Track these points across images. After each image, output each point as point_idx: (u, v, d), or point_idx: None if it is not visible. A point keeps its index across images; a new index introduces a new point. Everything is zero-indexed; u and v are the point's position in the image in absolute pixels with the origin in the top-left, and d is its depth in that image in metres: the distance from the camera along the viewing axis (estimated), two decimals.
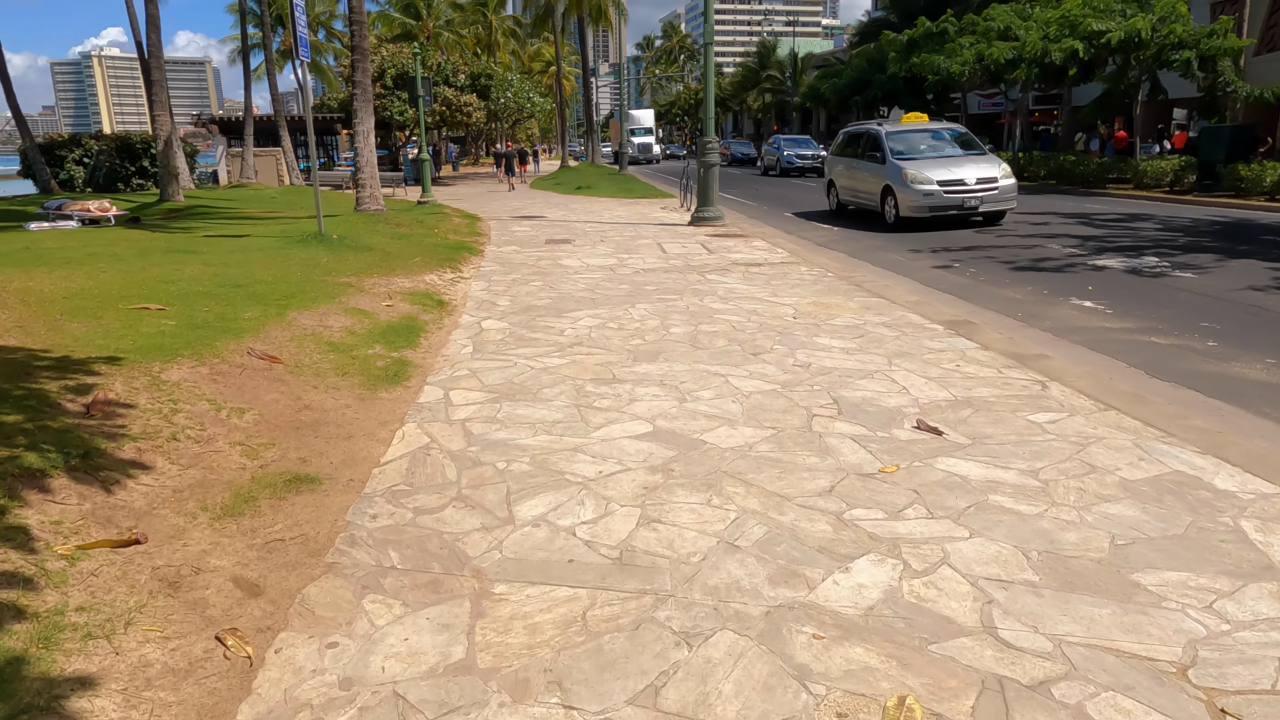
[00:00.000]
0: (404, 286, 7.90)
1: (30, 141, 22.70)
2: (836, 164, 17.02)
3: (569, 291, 8.28)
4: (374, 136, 13.11)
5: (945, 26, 32.07)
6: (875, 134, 15.25)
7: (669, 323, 6.79)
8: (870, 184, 14.91)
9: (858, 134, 16.41)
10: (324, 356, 5.27)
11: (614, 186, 26.55)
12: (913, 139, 15.15)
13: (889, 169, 14.17)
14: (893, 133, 15.13)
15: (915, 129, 15.94)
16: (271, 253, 9.35)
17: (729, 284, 8.69)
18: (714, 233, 13.75)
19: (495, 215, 17.77)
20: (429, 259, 9.73)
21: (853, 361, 5.56)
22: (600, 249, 11.69)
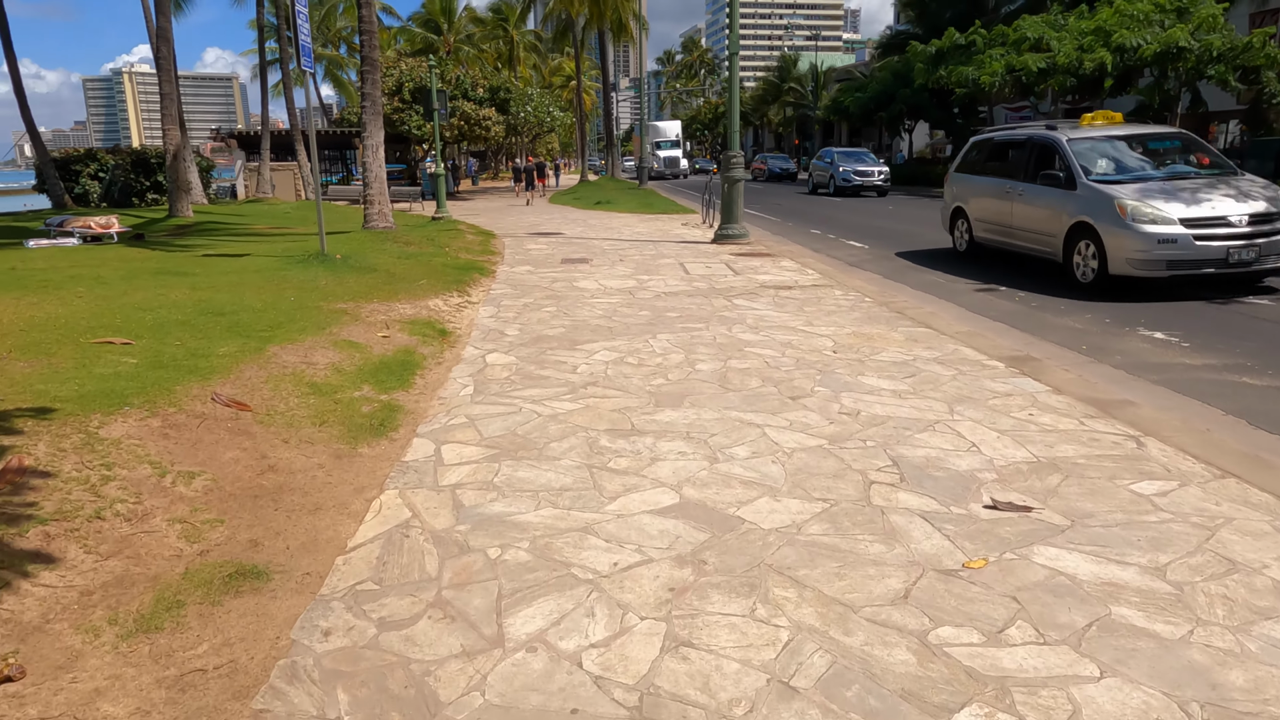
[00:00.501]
0: (405, 313, 7.25)
1: (45, 156, 22.45)
2: (970, 185, 11.91)
3: (584, 319, 7.60)
4: (383, 151, 12.55)
5: (974, 38, 31.30)
6: (1050, 143, 10.12)
7: (694, 357, 6.08)
8: (1044, 219, 9.88)
9: (1013, 143, 11.30)
10: (302, 401, 4.61)
11: (634, 202, 25.95)
12: (1115, 151, 9.99)
13: (1084, 197, 9.25)
14: (1081, 140, 10.00)
15: (1114, 133, 10.30)
16: (268, 274, 8.76)
17: (758, 310, 7.98)
18: (739, 251, 13.05)
19: (511, 232, 17.18)
20: (436, 281, 9.10)
21: (908, 408, 4.82)
22: (619, 269, 11.02)
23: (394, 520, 3.36)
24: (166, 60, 16.67)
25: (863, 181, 29.93)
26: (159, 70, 16.75)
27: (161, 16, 16.47)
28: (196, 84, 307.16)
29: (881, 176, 30.31)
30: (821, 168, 32.34)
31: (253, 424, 4.18)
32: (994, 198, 11.10)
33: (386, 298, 7.83)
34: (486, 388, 5.29)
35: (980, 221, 11.59)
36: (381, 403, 4.80)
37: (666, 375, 5.57)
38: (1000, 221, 10.98)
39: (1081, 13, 28.42)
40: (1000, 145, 11.68)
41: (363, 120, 12.30)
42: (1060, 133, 10.25)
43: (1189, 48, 22.86)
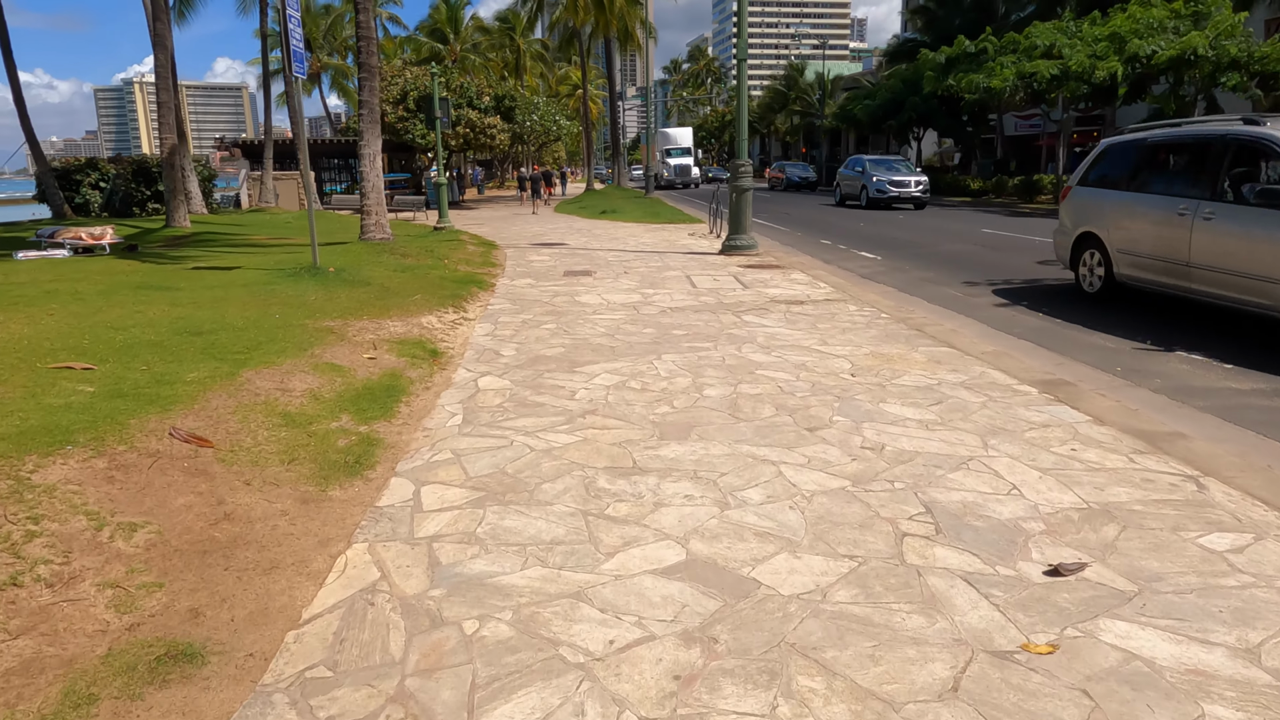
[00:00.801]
0: (395, 331, 6.85)
1: (44, 166, 22.20)
2: (1108, 204, 8.92)
3: (586, 337, 7.18)
4: (381, 160, 12.18)
5: (985, 45, 30.92)
6: (1267, 144, 7.08)
7: (702, 381, 5.65)
8: (1255, 255, 6.82)
9: (1184, 144, 8.43)
10: (272, 434, 4.20)
11: (640, 211, 25.58)
12: None
13: None
14: None
15: None
16: (255, 289, 8.37)
17: (769, 328, 7.55)
18: (747, 263, 12.64)
19: (514, 242, 16.80)
20: (431, 296, 8.70)
21: (936, 442, 4.39)
22: (623, 282, 10.61)
23: (359, 582, 2.94)
24: (164, 67, 16.38)
25: (899, 193, 26.97)
26: (156, 78, 16.46)
27: (158, 23, 16.18)
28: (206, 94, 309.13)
29: (920, 187, 27.18)
30: (851, 177, 29.38)
31: (213, 462, 3.77)
32: (1155, 222, 8.07)
33: (377, 314, 7.43)
34: (476, 417, 4.87)
35: (1128, 255, 8.54)
36: (360, 435, 4.39)
37: (672, 402, 5.14)
38: (1168, 256, 7.86)
39: (1094, 19, 28.02)
40: (1160, 149, 8.74)
41: (360, 128, 11.94)
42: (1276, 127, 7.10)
43: (1205, 55, 22.40)
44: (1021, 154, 45.53)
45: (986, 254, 14.18)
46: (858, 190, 28.35)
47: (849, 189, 29.40)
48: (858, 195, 28.28)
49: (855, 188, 28.70)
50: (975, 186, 35.68)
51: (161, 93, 16.51)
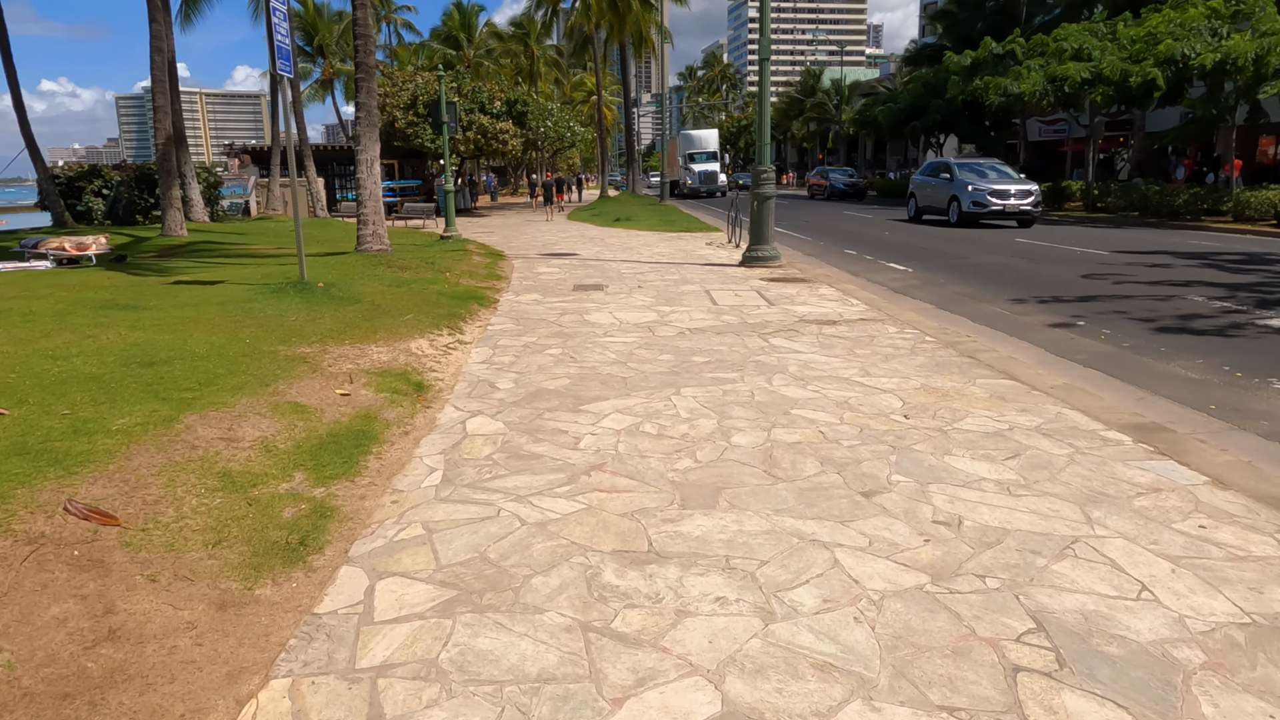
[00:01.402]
0: (378, 359, 6.04)
1: (45, 173, 21.64)
2: None
3: (594, 365, 6.35)
4: (380, 165, 11.43)
5: (1012, 48, 29.94)
6: None
7: (730, 424, 4.81)
8: None
9: None
10: (202, 503, 3.39)
11: (654, 219, 24.77)
12: None
13: None
14: None
15: None
16: (232, 308, 7.60)
17: (802, 353, 6.69)
18: (770, 276, 11.78)
19: (523, 252, 16.02)
20: (426, 315, 7.90)
21: (1025, 513, 3.53)
22: (637, 298, 9.77)
23: None
24: (160, 69, 15.74)
25: (1003, 206, 20.75)
26: (152, 81, 15.82)
27: (154, 24, 15.54)
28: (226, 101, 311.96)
29: (1030, 200, 20.95)
30: (934, 186, 23.06)
31: (114, 548, 2.96)
32: None
33: (361, 338, 6.63)
34: (459, 474, 4.04)
35: None
36: (312, 502, 3.57)
37: (695, 454, 4.30)
38: None
39: (1126, 20, 27.00)
40: None
41: (356, 133, 11.19)
42: None
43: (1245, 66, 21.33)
44: (1045, 160, 44.44)
45: (1025, 266, 13.26)
46: (943, 201, 22.11)
47: (930, 199, 23.25)
48: (943, 208, 22.16)
49: (939, 198, 22.45)
50: None
51: (157, 96, 15.85)
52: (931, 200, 23.29)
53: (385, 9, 58.91)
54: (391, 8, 59.08)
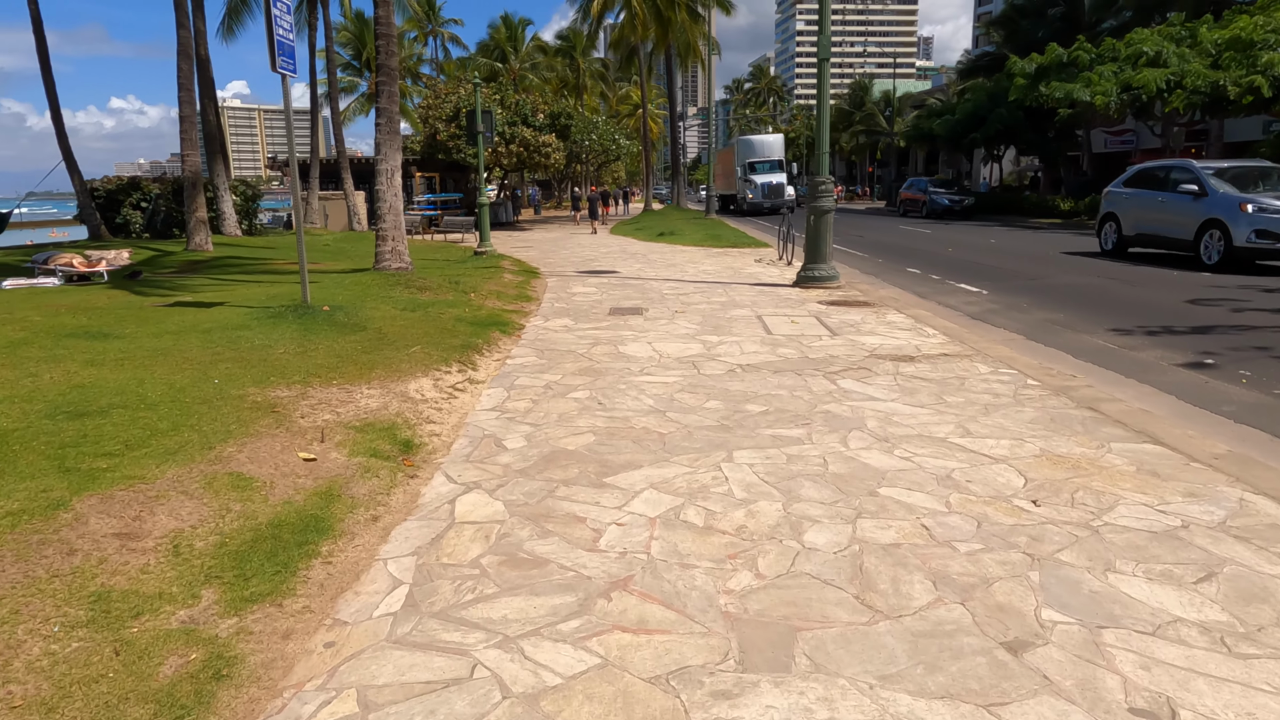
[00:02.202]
0: (366, 407, 5.00)
1: (81, 185, 21.33)
2: None
3: (626, 414, 5.23)
4: (400, 177, 10.50)
5: (1079, 54, 28.22)
6: None
7: (800, 509, 3.64)
8: None
9: None
10: (44, 653, 2.35)
11: (700, 234, 23.65)
12: None
13: None
14: None
15: None
16: (218, 336, 6.66)
17: (880, 401, 5.49)
18: (829, 299, 10.56)
19: (559, 269, 15.02)
20: (437, 346, 6.87)
21: (1264, 690, 2.30)
22: (681, 325, 8.65)
23: None
24: (187, 78, 15.13)
25: None
26: (179, 89, 15.21)
27: (182, 30, 14.97)
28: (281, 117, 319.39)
29: None
30: (1162, 204, 14.73)
31: None
32: None
33: (353, 377, 5.61)
34: (430, 593, 2.94)
35: None
36: (210, 647, 2.49)
37: (755, 563, 3.14)
38: None
39: (1208, 23, 25.20)
40: None
41: (376, 141, 10.30)
42: None
43: None
44: (1111, 173, 42.32)
45: (1118, 288, 11.82)
46: (1186, 227, 14.01)
47: (1153, 224, 15.05)
48: (1183, 238, 14.13)
49: (1176, 223, 14.34)
50: (1066, 207, 32.83)
51: (184, 105, 15.25)
52: (1156, 225, 14.93)
53: (432, 23, 58.99)
54: (439, 21, 59.14)
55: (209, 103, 19.06)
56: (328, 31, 24.80)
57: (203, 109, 19.47)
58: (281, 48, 7.32)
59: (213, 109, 19.42)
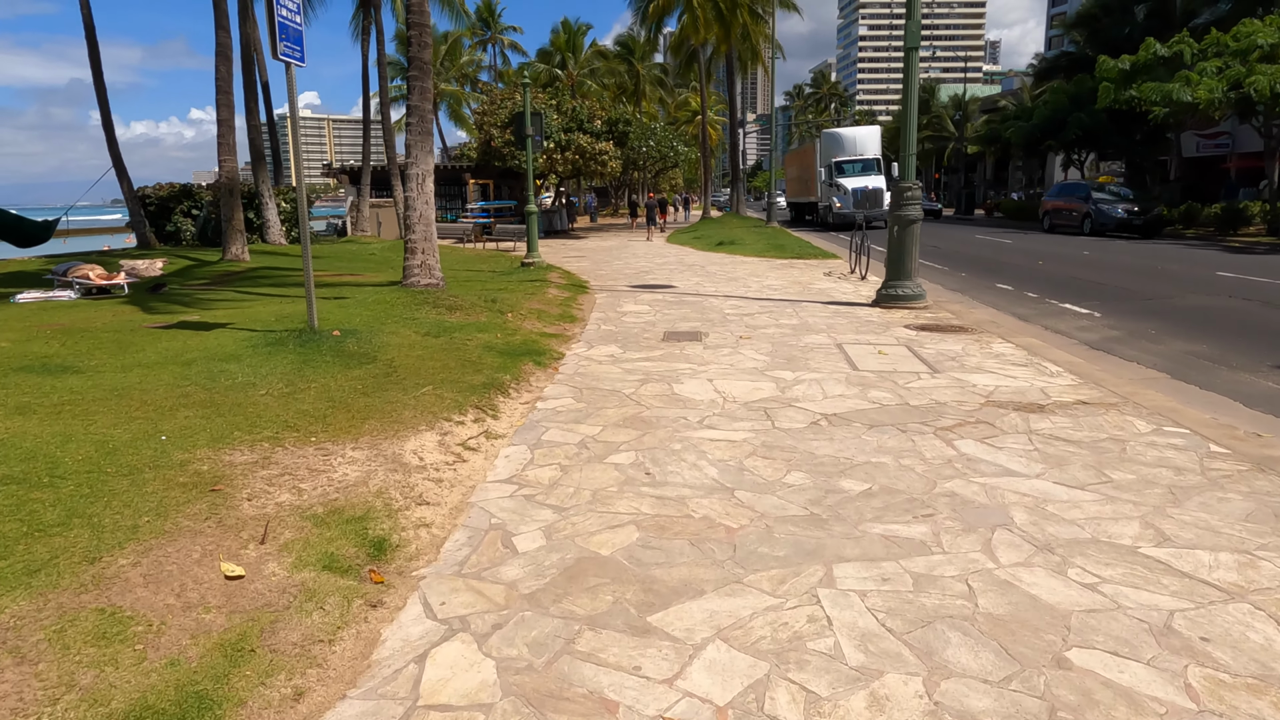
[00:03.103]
0: (342, 479, 3.83)
1: (131, 192, 20.99)
2: None
3: (681, 494, 3.96)
4: (432, 182, 9.40)
5: (1180, 48, 25.96)
6: None
7: (949, 692, 2.32)
8: None
9: None
10: None
11: (761, 243, 22.25)
12: None
13: None
14: None
15: None
16: (197, 370, 5.60)
17: (1020, 477, 4.11)
18: (917, 322, 9.12)
19: (610, 283, 13.83)
20: (454, 384, 5.70)
21: None
22: (747, 355, 7.34)
23: None
24: (225, 81, 14.40)
25: None
26: (217, 92, 14.51)
27: (220, 31, 14.27)
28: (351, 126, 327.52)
29: None
30: None
31: None
32: None
33: (339, 430, 4.46)
34: None
35: None
36: None
37: None
38: None
39: None
40: None
41: (407, 142, 9.24)
42: None
43: None
44: (1203, 178, 39.53)
45: (1259, 312, 10.09)
46: None
47: None
48: None
49: None
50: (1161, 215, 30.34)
51: (221, 109, 14.53)
52: None
53: (491, 29, 58.77)
54: (498, 28, 58.90)
55: (254, 106, 18.47)
56: (379, 36, 24.14)
57: (248, 113, 18.91)
58: (285, 31, 6.28)
59: (258, 113, 18.81)
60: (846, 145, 33.95)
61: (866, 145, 33.71)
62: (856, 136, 34.29)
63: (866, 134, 34.66)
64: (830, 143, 34.62)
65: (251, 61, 18.58)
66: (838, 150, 33.81)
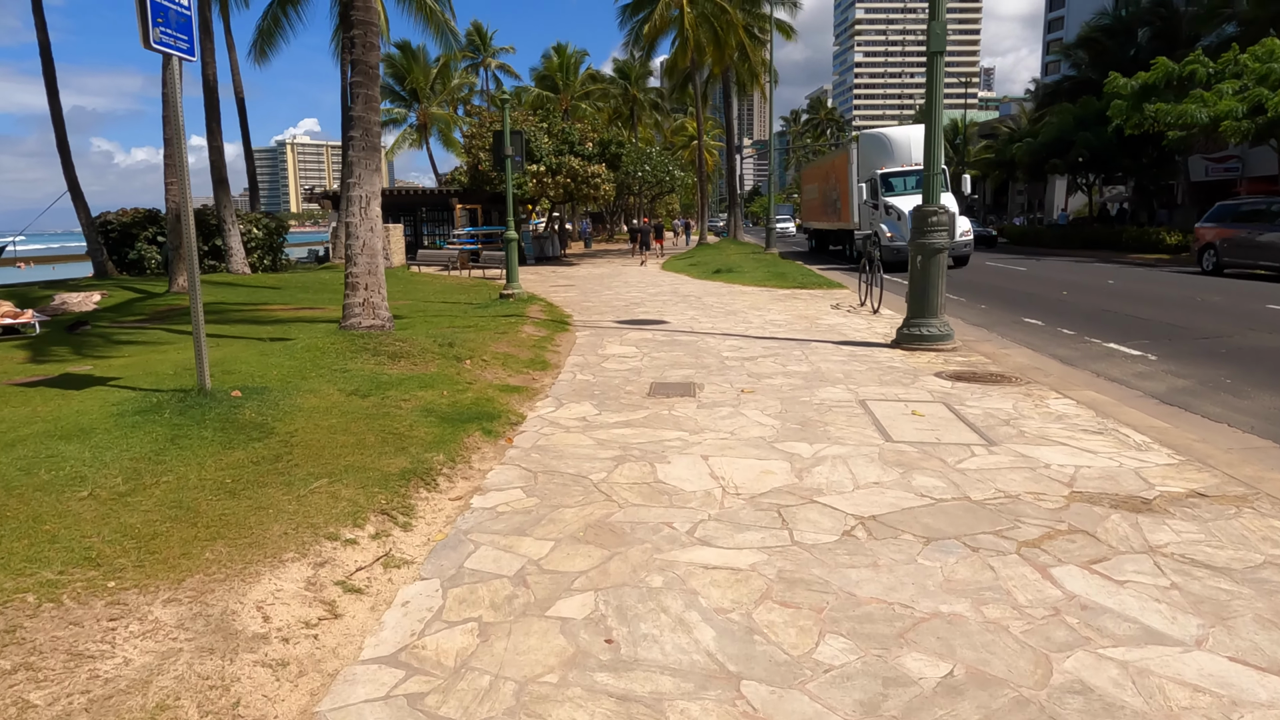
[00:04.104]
0: (120, 671, 2.40)
1: (87, 218, 19.64)
2: None
3: (657, 670, 2.54)
4: (379, 205, 8.01)
5: (1194, 67, 24.85)
6: None
7: None
8: None
9: None
10: None
11: (760, 271, 20.93)
12: None
13: None
14: None
15: None
16: (23, 451, 4.18)
17: (1167, 642, 2.69)
18: (947, 367, 7.73)
19: (596, 317, 12.46)
20: (363, 472, 4.27)
21: None
22: (750, 417, 5.93)
23: None
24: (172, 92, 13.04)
25: None
26: (164, 105, 13.19)
27: None
28: None
29: None
30: None
31: None
32: None
33: (167, 562, 3.03)
34: None
35: None
36: None
37: None
38: None
39: None
40: None
41: (348, 159, 7.85)
42: None
43: None
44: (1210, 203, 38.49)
45: None
46: None
47: None
48: None
49: None
50: (1172, 241, 29.18)
51: (167, 127, 13.23)
52: None
53: (483, 53, 57.91)
54: (489, 51, 58.05)
55: (216, 127, 17.20)
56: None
57: (209, 134, 17.63)
58: (162, 13, 4.95)
59: (219, 135, 17.52)
60: (897, 150, 24.07)
61: (909, 147, 23.83)
62: (911, 139, 23.67)
63: (911, 134, 24.33)
64: (872, 148, 24.92)
65: (214, 80, 17.33)
66: (883, 158, 24.11)
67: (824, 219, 31.06)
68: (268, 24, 24.56)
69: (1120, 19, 42.25)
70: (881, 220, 22.31)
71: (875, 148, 24.96)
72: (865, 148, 25.57)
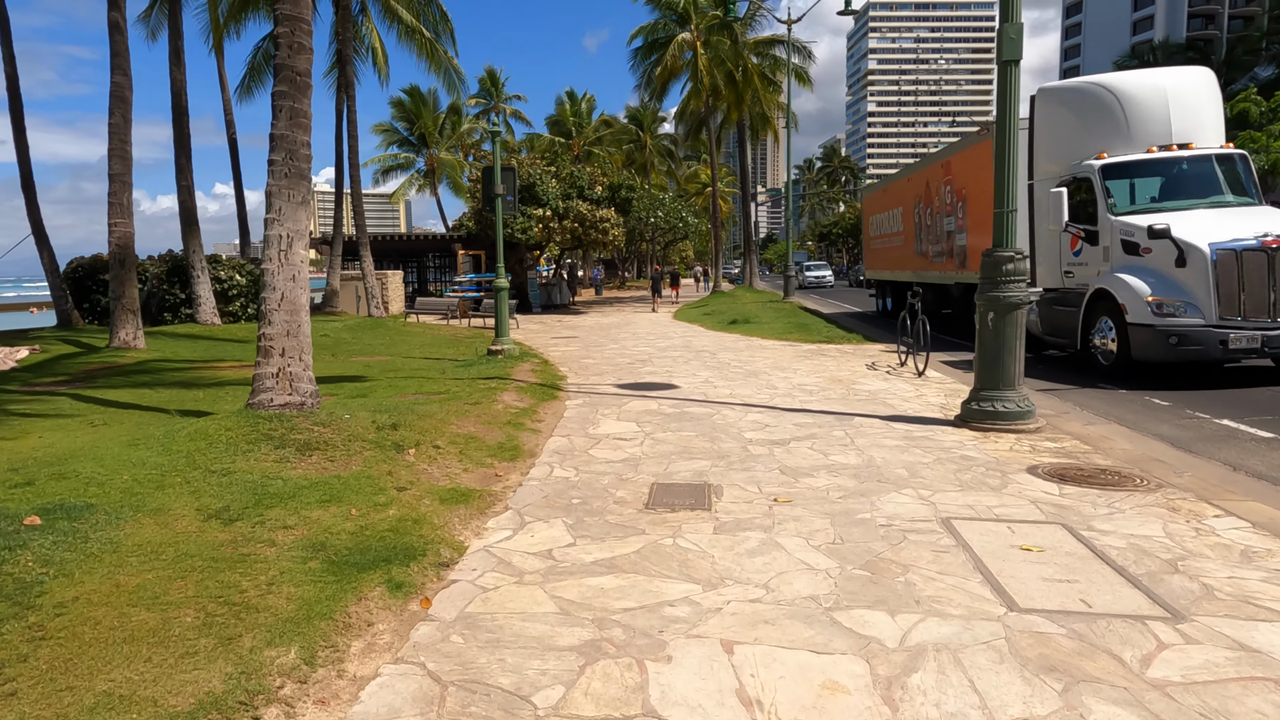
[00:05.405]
0: None
1: (52, 265, 18.19)
2: None
3: None
4: (304, 246, 6.21)
5: (1245, 106, 23.23)
6: None
7: None
8: None
9: None
10: None
11: (780, 322, 19.17)
12: None
13: None
14: None
15: None
16: None
17: None
18: (1036, 457, 5.85)
19: (595, 378, 10.67)
20: (129, 713, 2.45)
21: None
22: (792, 555, 4.07)
23: None
24: (119, 128, 11.62)
25: None
26: (110, 138, 11.71)
27: (117, 73, 11.58)
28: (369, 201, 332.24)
29: None
30: None
31: None
32: None
33: None
34: None
35: None
36: None
37: None
38: None
39: None
40: None
41: (267, 189, 6.11)
42: None
43: None
44: None
45: None
46: None
47: None
48: None
49: None
50: None
51: (114, 162, 11.72)
52: None
53: (494, 99, 57.29)
54: (501, 96, 57.42)
55: (186, 165, 15.77)
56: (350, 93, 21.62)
57: (179, 172, 16.20)
58: None
59: (189, 173, 16.08)
60: (1140, 114, 10.98)
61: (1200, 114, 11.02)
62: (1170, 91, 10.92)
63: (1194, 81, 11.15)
64: (1082, 112, 11.46)
65: (184, 112, 15.96)
66: (1108, 130, 11.16)
67: (915, 264, 18.40)
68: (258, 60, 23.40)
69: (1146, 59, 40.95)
70: (1117, 266, 10.31)
71: (1091, 110, 11.37)
72: (1056, 114, 11.77)
